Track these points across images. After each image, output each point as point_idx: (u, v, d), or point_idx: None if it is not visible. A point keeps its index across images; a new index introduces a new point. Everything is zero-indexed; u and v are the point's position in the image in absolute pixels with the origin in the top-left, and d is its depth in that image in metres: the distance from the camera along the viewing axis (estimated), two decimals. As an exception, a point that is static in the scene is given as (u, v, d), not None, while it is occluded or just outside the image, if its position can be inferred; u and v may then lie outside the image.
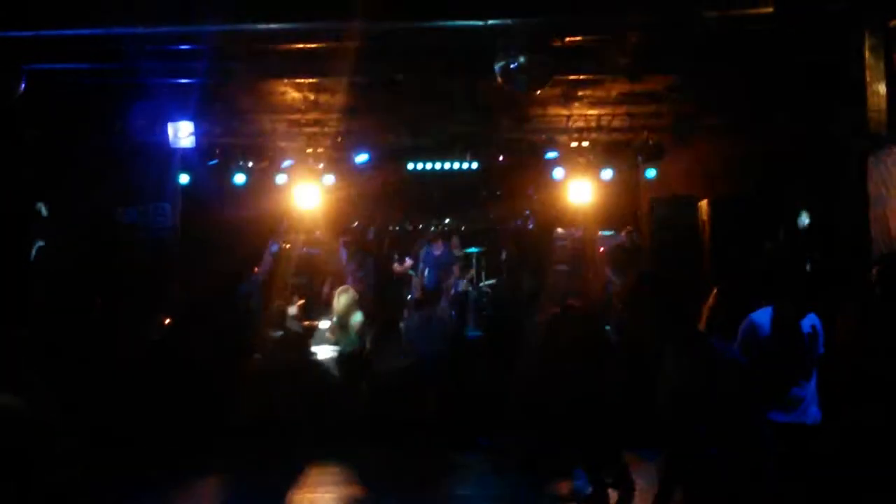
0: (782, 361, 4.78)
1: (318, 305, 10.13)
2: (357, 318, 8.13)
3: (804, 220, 8.81)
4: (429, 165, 11.30)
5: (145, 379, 7.42)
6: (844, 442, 4.81)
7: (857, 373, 4.89)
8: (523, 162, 11.11)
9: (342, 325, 8.13)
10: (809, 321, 4.89)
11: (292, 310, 9.02)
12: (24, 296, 8.10)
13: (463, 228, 12.73)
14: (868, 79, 6.28)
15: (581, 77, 8.43)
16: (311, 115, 10.02)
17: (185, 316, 8.55)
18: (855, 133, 6.45)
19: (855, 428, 4.80)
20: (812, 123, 7.68)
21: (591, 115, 10.12)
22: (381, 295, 10.48)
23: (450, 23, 6.73)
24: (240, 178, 10.87)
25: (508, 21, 6.59)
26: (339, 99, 9.31)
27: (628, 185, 11.79)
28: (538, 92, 7.40)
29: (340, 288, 8.50)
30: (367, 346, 7.90)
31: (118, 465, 6.38)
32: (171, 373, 7.56)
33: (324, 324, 9.58)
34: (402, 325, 8.31)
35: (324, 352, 8.25)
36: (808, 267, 7.70)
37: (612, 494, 6.12)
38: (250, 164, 10.97)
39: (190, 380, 7.52)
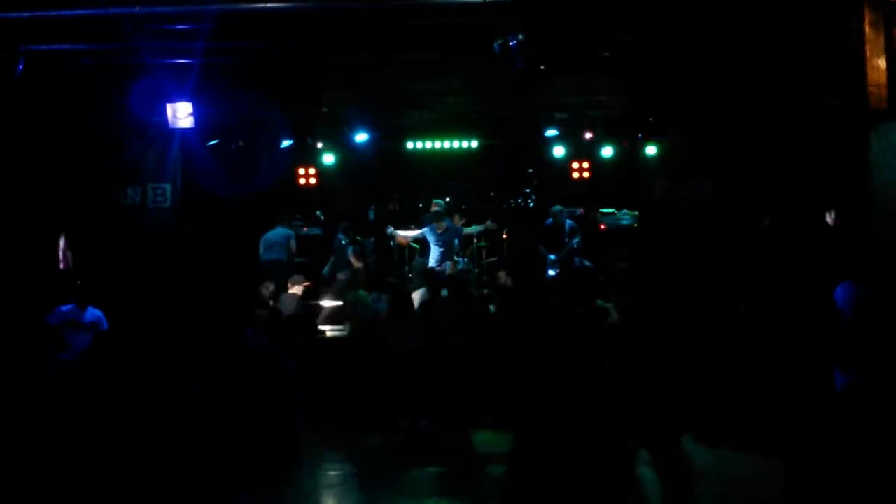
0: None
1: (320, 286, 10.14)
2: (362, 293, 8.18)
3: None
4: (428, 144, 11.27)
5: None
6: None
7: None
8: (523, 140, 11.06)
9: (351, 302, 8.06)
10: None
11: (296, 290, 9.02)
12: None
13: (463, 207, 12.70)
14: (868, 53, 6.28)
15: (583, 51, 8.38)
16: (310, 94, 9.98)
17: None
18: (854, 107, 6.46)
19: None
20: (811, 97, 7.67)
21: (591, 91, 10.05)
22: (383, 272, 10.52)
23: (449, 0, 6.73)
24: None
25: (507, -2, 6.58)
26: (338, 77, 9.28)
27: (629, 162, 11.74)
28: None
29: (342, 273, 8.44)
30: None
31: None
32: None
33: (327, 304, 9.62)
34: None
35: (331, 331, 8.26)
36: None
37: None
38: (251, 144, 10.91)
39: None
